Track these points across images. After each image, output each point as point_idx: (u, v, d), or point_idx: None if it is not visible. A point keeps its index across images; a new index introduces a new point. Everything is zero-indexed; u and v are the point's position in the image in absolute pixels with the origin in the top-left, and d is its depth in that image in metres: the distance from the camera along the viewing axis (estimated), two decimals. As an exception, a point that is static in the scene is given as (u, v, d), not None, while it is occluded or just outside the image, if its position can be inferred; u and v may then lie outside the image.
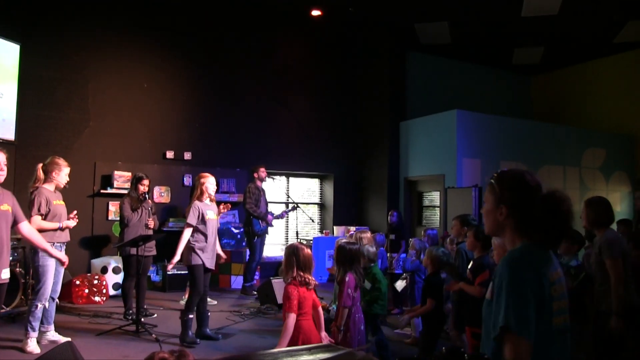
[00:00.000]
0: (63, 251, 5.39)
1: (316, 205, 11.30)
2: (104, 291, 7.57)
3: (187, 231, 5.66)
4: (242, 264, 8.70)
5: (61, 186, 5.43)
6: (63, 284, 6.62)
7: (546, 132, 10.28)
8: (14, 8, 8.09)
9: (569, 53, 11.60)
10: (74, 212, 5.43)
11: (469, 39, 10.88)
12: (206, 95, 9.66)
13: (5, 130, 7.62)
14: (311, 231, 10.95)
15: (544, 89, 13.16)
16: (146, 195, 6.78)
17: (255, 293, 8.00)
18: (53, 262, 5.19)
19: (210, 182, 5.88)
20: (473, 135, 9.20)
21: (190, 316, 5.57)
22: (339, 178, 11.00)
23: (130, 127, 8.98)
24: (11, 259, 5.46)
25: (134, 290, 6.54)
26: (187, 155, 9.39)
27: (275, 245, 10.36)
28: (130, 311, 6.49)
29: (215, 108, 9.72)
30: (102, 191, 8.56)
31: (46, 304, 5.18)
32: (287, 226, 10.73)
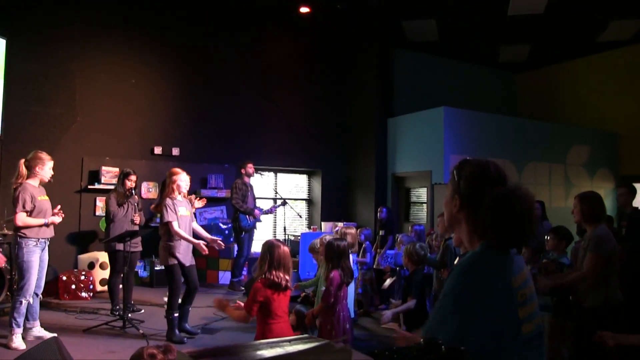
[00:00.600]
0: (47, 247, 5.37)
1: (304, 201, 11.33)
2: (91, 287, 7.55)
3: (175, 224, 5.61)
4: (230, 260, 8.71)
5: (45, 181, 5.39)
6: (49, 280, 6.63)
7: (532, 129, 10.38)
8: (-1, 2, 8.02)
9: (554, 51, 11.72)
10: (58, 207, 5.40)
11: (456, 37, 10.95)
12: (194, 91, 9.64)
13: (-9, 125, 7.56)
14: (299, 227, 10.98)
15: (529, 86, 13.28)
16: (133, 191, 6.77)
17: (242, 289, 8.02)
18: (37, 258, 5.18)
19: (182, 179, 5.77)
20: (460, 132, 9.28)
21: (174, 315, 5.56)
22: (327, 174, 11.03)
23: (118, 123, 8.94)
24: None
25: (120, 286, 6.54)
26: (175, 151, 9.37)
27: (264, 241, 10.35)
28: (117, 307, 6.49)
29: (204, 104, 9.70)
30: (90, 187, 8.53)
31: (30, 300, 5.17)
32: (275, 222, 10.75)
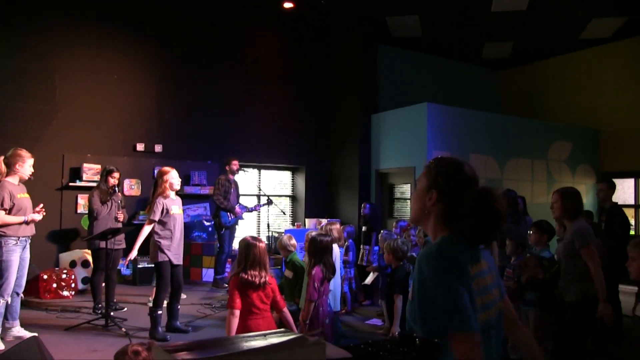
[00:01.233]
0: (28, 245, 5.32)
1: (288, 198, 11.32)
2: (73, 285, 7.49)
3: (147, 227, 5.63)
4: (213, 257, 8.69)
5: (25, 178, 5.34)
6: (30, 279, 6.55)
7: (515, 126, 10.47)
8: (-23, -4, 7.89)
9: (537, 48, 11.82)
10: (40, 206, 5.35)
11: (439, 33, 10.99)
12: (177, 87, 9.57)
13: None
14: (283, 223, 10.98)
15: (513, 83, 13.39)
16: (116, 188, 6.73)
17: (226, 285, 7.99)
18: (17, 257, 5.13)
19: (173, 177, 5.76)
20: (443, 128, 9.32)
21: (159, 312, 5.55)
22: (311, 170, 11.04)
23: (100, 119, 8.85)
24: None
25: (103, 284, 6.49)
26: (158, 148, 9.30)
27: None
28: (100, 305, 6.45)
29: (187, 100, 9.64)
30: (71, 184, 8.43)
31: (9, 300, 5.11)
32: (259, 218, 10.74)
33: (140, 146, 9.16)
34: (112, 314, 6.05)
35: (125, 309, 6.72)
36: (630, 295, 5.46)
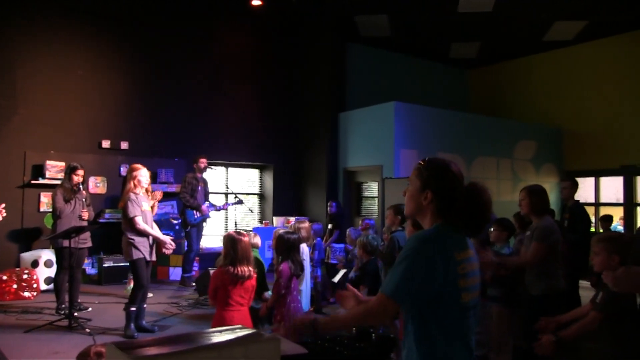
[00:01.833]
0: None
1: (256, 196, 11.28)
2: (35, 286, 7.31)
3: (139, 219, 5.58)
4: (181, 255, 8.61)
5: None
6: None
7: (481, 125, 10.64)
8: None
9: (503, 49, 12.04)
10: (2, 205, 5.22)
11: (408, 32, 11.10)
12: (144, 84, 9.44)
13: None
14: (251, 222, 10.94)
15: (479, 82, 13.61)
16: (80, 186, 6.59)
17: (194, 284, 7.94)
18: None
19: (142, 174, 5.79)
20: (410, 127, 9.42)
21: (132, 309, 5.53)
22: (279, 168, 11.02)
23: (64, 115, 8.67)
24: None
25: (67, 283, 6.37)
26: (124, 145, 9.17)
27: (215, 236, 10.27)
28: (63, 305, 6.31)
29: (154, 97, 9.51)
30: (33, 182, 8.24)
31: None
32: (227, 217, 10.68)
33: (106, 143, 9.01)
34: (76, 314, 5.94)
35: (90, 309, 6.60)
36: (591, 290, 5.61)
